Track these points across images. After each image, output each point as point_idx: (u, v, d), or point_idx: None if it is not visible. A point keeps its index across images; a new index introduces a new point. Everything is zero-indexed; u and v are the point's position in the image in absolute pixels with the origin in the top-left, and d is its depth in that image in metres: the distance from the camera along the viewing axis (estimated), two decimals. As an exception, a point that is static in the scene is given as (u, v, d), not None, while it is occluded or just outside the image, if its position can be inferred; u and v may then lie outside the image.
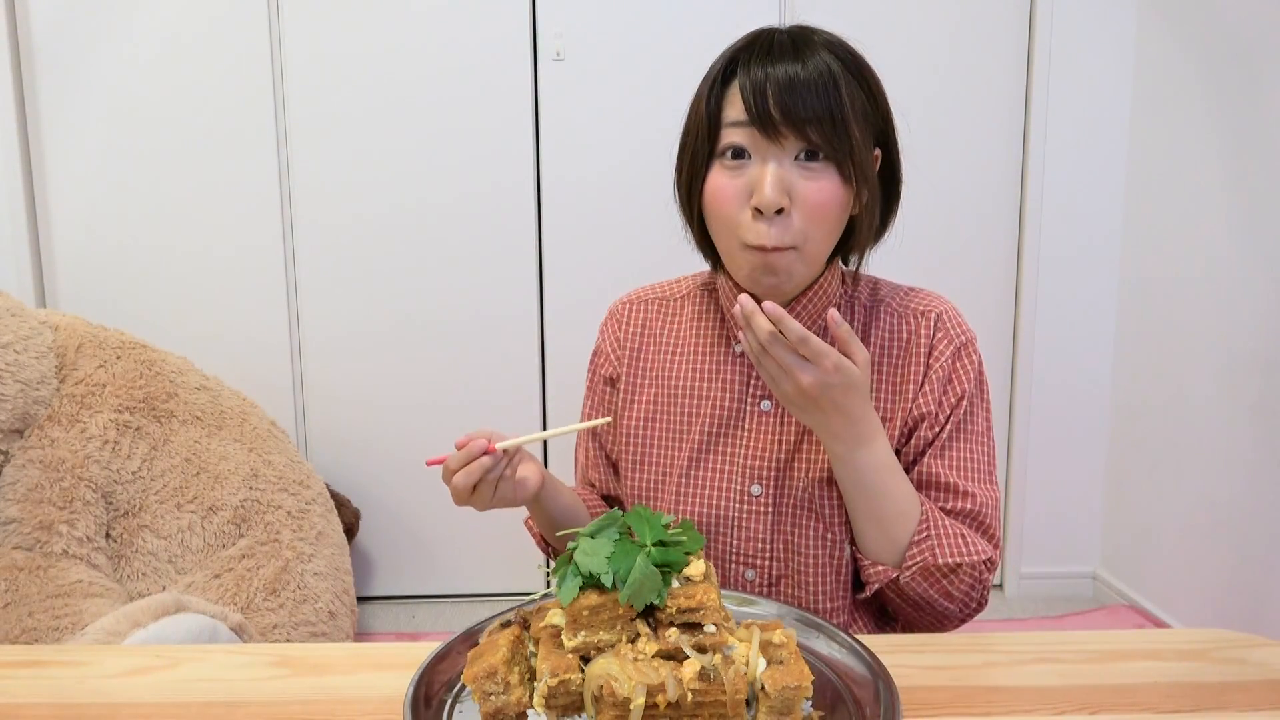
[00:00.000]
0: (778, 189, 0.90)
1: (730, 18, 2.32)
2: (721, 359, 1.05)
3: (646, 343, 1.10)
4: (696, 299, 1.10)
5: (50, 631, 1.57)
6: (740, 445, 1.03)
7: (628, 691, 0.66)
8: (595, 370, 1.15)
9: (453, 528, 2.52)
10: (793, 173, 0.91)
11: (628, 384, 1.10)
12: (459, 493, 0.91)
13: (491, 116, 2.35)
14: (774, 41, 0.92)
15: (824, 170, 0.91)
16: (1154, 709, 0.79)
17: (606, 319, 1.14)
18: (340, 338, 2.45)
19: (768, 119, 0.89)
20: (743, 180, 0.92)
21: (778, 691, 0.68)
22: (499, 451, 0.91)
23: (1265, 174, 1.97)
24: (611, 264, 2.41)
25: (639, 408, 1.08)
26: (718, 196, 0.94)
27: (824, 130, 0.89)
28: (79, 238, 2.37)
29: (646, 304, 1.12)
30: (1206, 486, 2.16)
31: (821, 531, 1.01)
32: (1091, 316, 2.51)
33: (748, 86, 0.90)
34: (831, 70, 0.90)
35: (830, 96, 0.89)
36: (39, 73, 2.30)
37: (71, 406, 1.79)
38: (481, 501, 0.93)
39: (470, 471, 0.90)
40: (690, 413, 1.05)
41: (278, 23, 2.31)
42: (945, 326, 1.01)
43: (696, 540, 0.73)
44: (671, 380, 1.07)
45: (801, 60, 0.90)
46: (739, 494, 1.02)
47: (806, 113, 0.88)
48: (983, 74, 2.40)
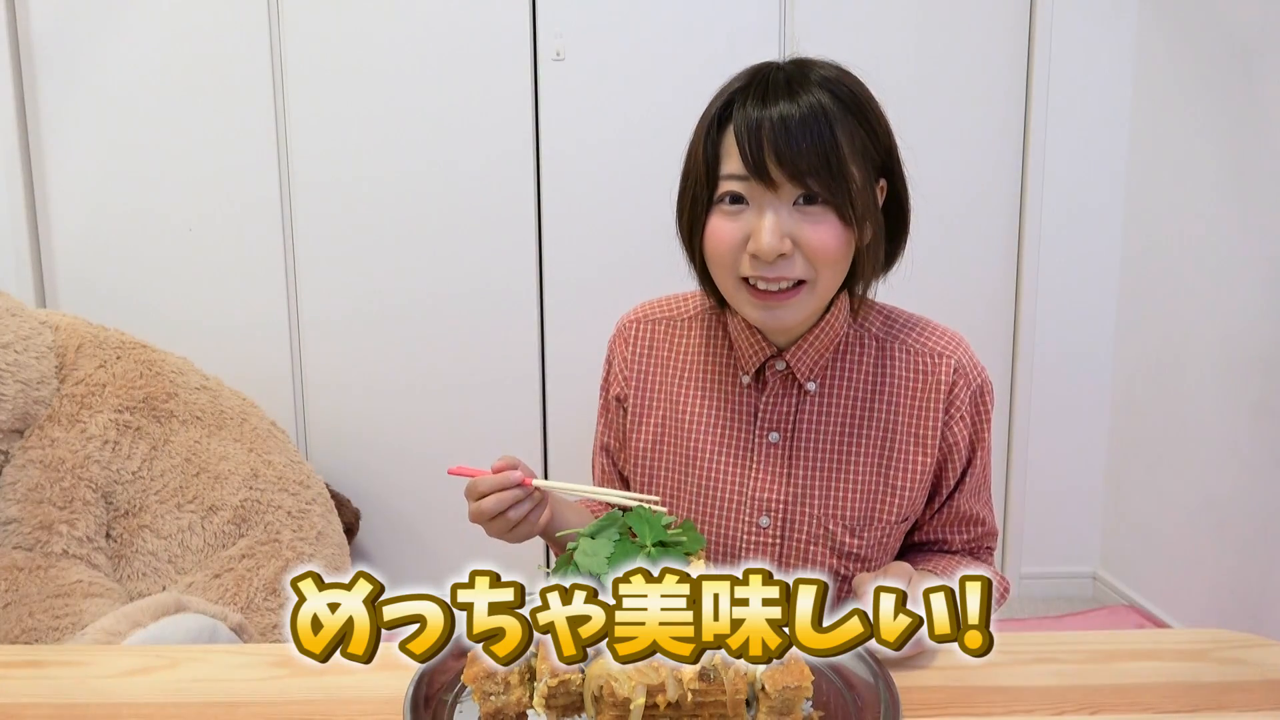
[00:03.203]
0: (776, 236, 0.90)
1: (730, 18, 2.32)
2: (729, 389, 1.05)
3: (654, 365, 1.10)
4: (704, 322, 1.09)
5: (50, 631, 1.56)
6: (749, 477, 1.03)
7: (628, 691, 0.66)
8: (606, 389, 1.15)
9: (453, 528, 2.51)
10: (792, 218, 0.91)
11: (635, 405, 1.10)
12: (480, 515, 0.92)
13: (491, 116, 2.35)
14: (769, 82, 0.91)
15: (823, 214, 0.91)
16: (1154, 709, 0.79)
17: (614, 337, 1.14)
18: (340, 338, 2.45)
19: (763, 170, 0.88)
20: (741, 224, 0.92)
21: (778, 691, 0.68)
22: (532, 487, 0.92)
23: (1265, 173, 1.97)
24: (611, 264, 2.41)
25: (648, 430, 1.08)
26: (717, 241, 0.94)
27: (820, 177, 0.88)
28: (79, 238, 2.37)
29: (654, 324, 1.12)
30: (1206, 486, 2.16)
31: (835, 567, 1.03)
32: (1091, 316, 2.50)
33: (743, 134, 0.89)
34: (826, 110, 0.89)
35: (825, 140, 0.88)
36: (39, 73, 2.30)
37: (71, 406, 1.79)
38: (497, 530, 0.94)
39: (501, 500, 0.91)
40: (698, 440, 1.05)
41: (278, 24, 2.31)
42: (964, 373, 1.04)
43: (697, 540, 0.74)
44: (680, 406, 1.07)
45: (795, 99, 0.89)
46: (746, 524, 1.03)
47: (802, 161, 0.88)
48: (983, 74, 2.39)
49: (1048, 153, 2.41)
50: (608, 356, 1.14)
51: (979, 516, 1.09)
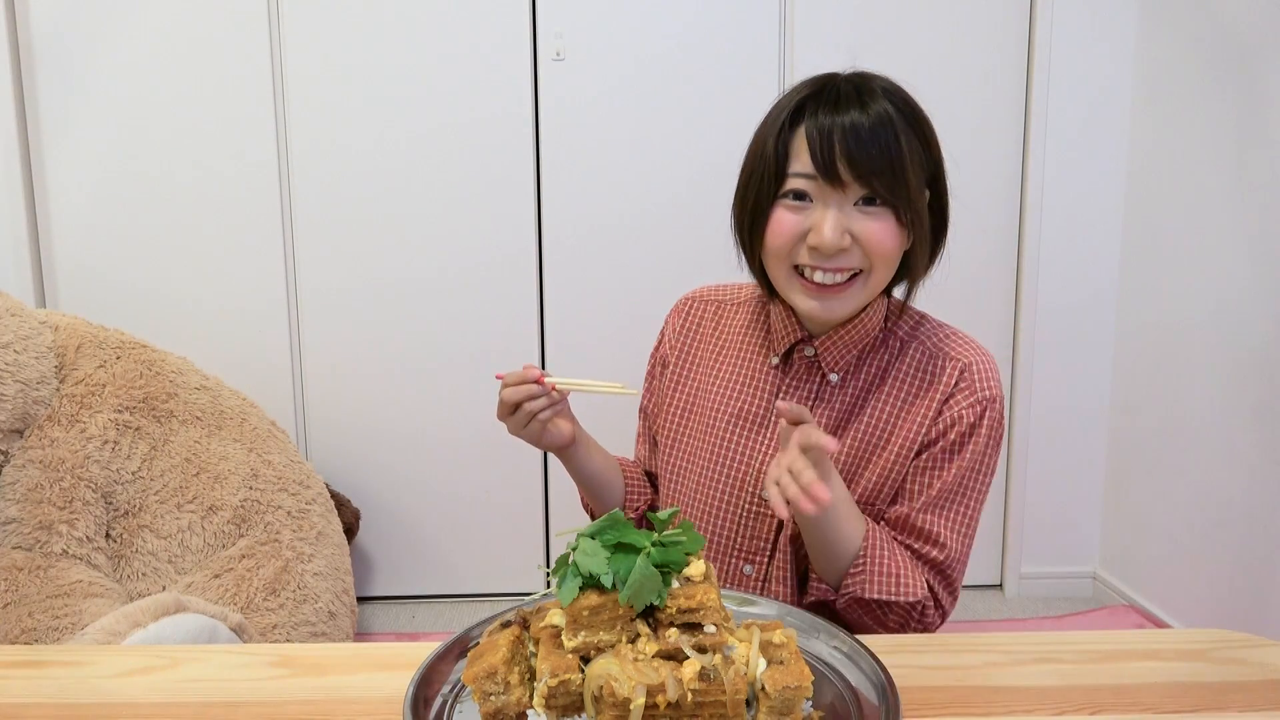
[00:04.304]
0: (837, 231, 0.96)
1: (729, 18, 2.32)
2: (758, 367, 1.13)
3: (698, 340, 1.20)
4: (751, 307, 1.18)
5: (50, 631, 1.56)
6: (759, 450, 1.09)
7: (628, 691, 0.66)
8: (655, 353, 1.25)
9: (453, 528, 2.52)
10: (852, 215, 0.97)
11: (675, 371, 1.20)
12: (503, 406, 1.03)
13: (492, 116, 2.35)
14: (839, 90, 0.98)
15: (882, 213, 0.98)
16: (1154, 709, 0.79)
17: (672, 310, 1.25)
18: (340, 338, 2.45)
19: (833, 171, 0.95)
20: (803, 218, 0.98)
21: (778, 691, 0.68)
22: (546, 385, 1.03)
23: (1265, 173, 1.97)
24: (612, 264, 2.41)
25: (681, 396, 1.18)
26: (778, 232, 1.00)
27: (884, 179, 0.96)
28: (79, 238, 2.37)
29: (706, 304, 1.22)
30: (1206, 486, 2.16)
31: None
32: (1091, 316, 2.50)
33: (815, 137, 0.96)
34: (892, 119, 0.96)
35: (891, 146, 0.95)
36: (39, 73, 2.30)
37: (71, 406, 1.79)
38: (516, 425, 1.05)
39: (517, 390, 1.02)
40: (721, 409, 1.13)
41: (278, 25, 2.31)
42: (970, 379, 1.05)
43: (696, 540, 0.73)
44: (711, 378, 1.16)
45: (865, 109, 0.96)
46: (750, 495, 1.09)
47: (869, 164, 0.95)
48: (983, 74, 2.39)
49: (1048, 153, 2.41)
50: (663, 327, 1.25)
51: (935, 535, 1.02)
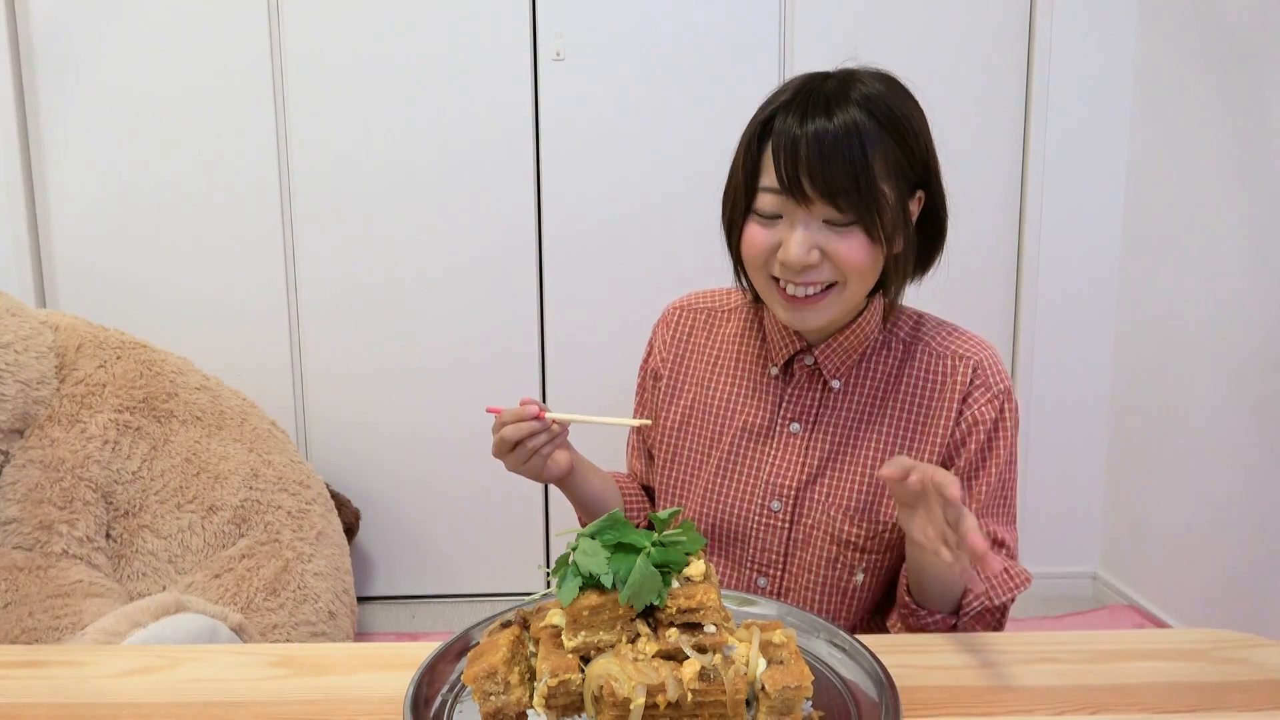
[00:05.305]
0: (804, 249, 0.95)
1: (729, 18, 2.31)
2: (758, 378, 1.11)
3: (691, 350, 1.16)
4: (743, 314, 1.15)
5: (50, 631, 1.57)
6: (766, 461, 1.08)
7: (628, 691, 0.66)
8: (645, 366, 1.21)
9: (453, 528, 2.52)
10: (821, 232, 0.95)
11: (669, 384, 1.16)
12: (501, 444, 1.00)
13: (492, 116, 2.35)
14: (810, 98, 0.95)
15: (852, 231, 0.95)
16: (1154, 709, 0.79)
17: (660, 321, 1.21)
18: (340, 338, 2.45)
19: (797, 186, 0.93)
20: (774, 233, 0.97)
21: (778, 691, 0.68)
22: (547, 420, 1.00)
23: (1265, 174, 1.97)
24: (612, 264, 2.41)
25: (677, 410, 1.15)
26: (750, 245, 0.99)
27: (850, 197, 0.93)
28: (79, 238, 2.37)
29: (695, 313, 1.18)
30: (1206, 486, 2.16)
31: (834, 555, 1.05)
32: (1091, 316, 2.50)
33: (779, 153, 0.94)
34: (861, 129, 0.92)
35: (856, 160, 0.92)
36: (39, 73, 2.30)
37: (71, 406, 1.79)
38: (515, 461, 1.01)
39: (518, 428, 0.99)
40: (723, 423, 1.11)
41: (278, 26, 2.31)
42: (984, 375, 1.04)
43: (696, 540, 0.73)
44: (709, 389, 1.13)
45: (832, 119, 0.92)
46: (760, 507, 1.08)
47: (834, 183, 0.92)
48: (983, 74, 2.39)
49: (1048, 152, 2.41)
50: (650, 338, 1.21)
51: (996, 536, 1.04)
